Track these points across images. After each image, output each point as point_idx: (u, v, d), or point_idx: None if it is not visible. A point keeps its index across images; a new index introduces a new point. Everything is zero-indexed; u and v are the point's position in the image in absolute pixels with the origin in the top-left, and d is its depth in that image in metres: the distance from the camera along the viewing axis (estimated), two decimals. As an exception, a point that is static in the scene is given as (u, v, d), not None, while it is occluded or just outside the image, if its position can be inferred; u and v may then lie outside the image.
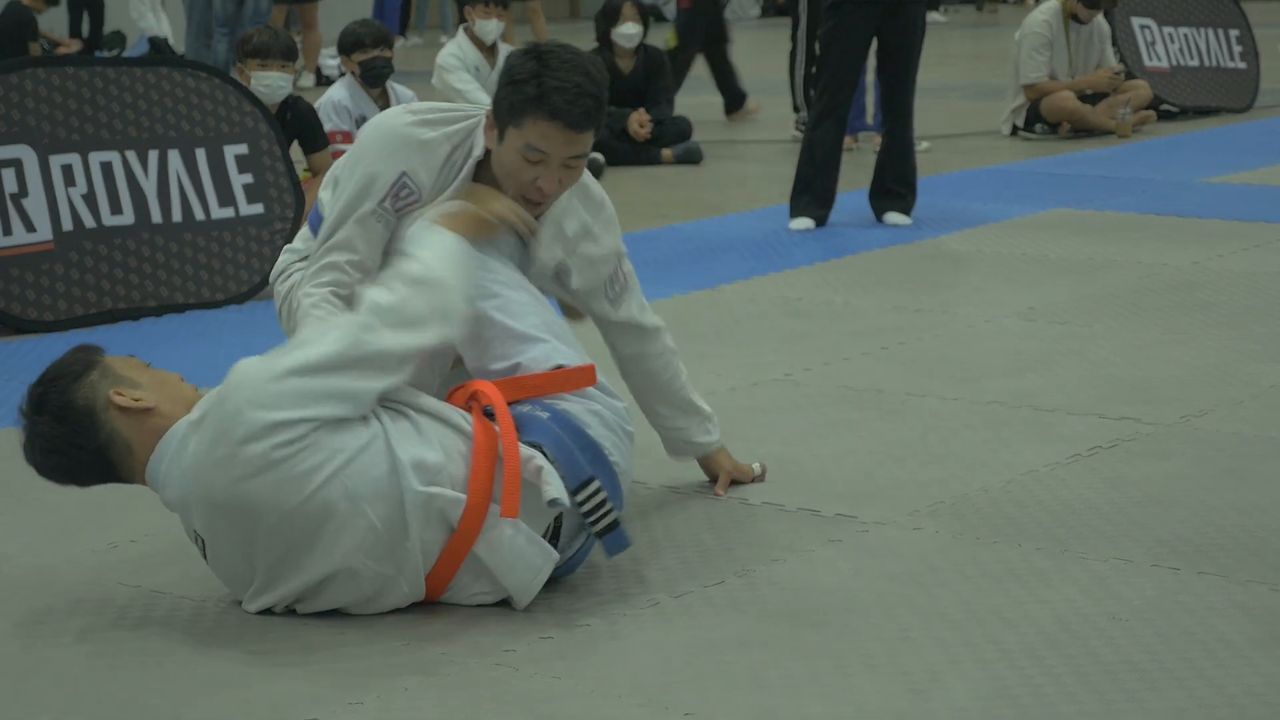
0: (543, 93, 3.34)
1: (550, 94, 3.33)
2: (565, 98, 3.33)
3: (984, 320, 5.55)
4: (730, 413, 4.51)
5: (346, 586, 3.11)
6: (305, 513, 3.01)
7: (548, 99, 3.33)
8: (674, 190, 8.81)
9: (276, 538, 3.04)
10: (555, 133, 3.35)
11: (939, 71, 12.52)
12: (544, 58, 3.37)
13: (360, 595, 3.13)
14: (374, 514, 3.04)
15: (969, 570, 3.37)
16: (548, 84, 3.34)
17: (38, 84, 5.93)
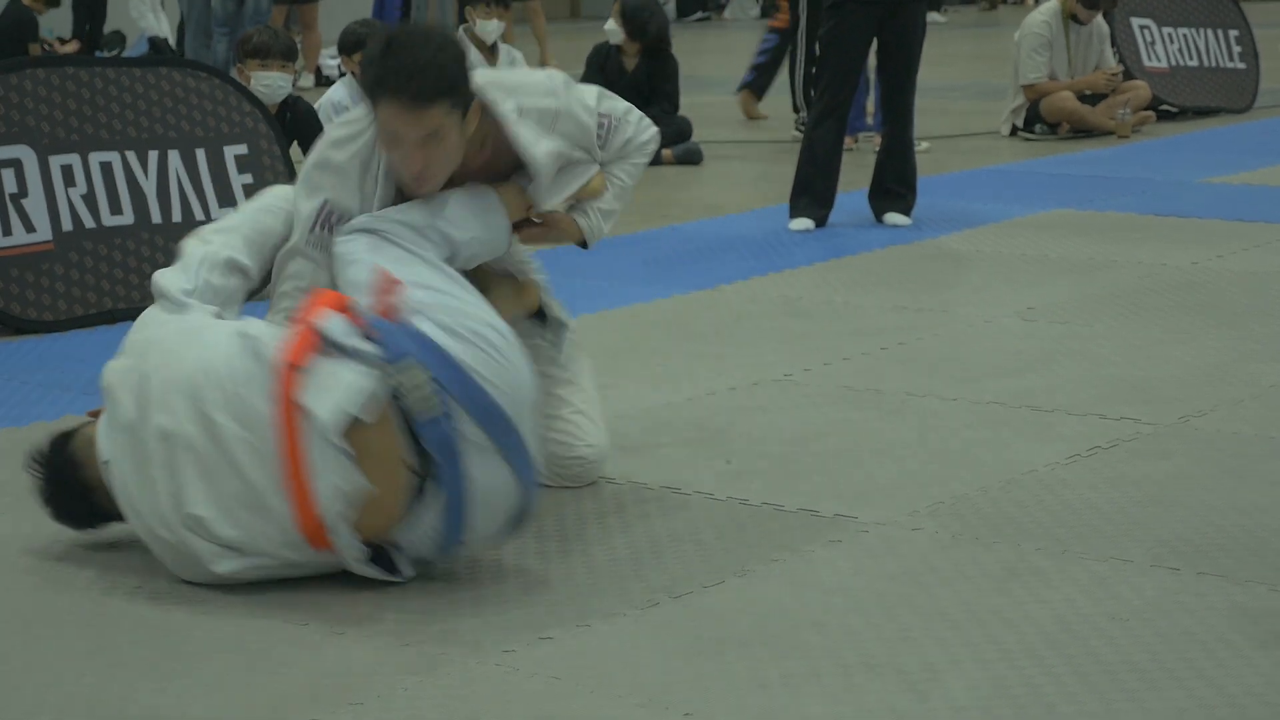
0: (382, 74, 3.37)
1: (387, 75, 3.36)
2: (401, 75, 3.34)
3: (984, 320, 5.55)
4: (730, 412, 4.51)
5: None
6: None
7: (385, 79, 3.37)
8: (674, 190, 8.81)
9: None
10: (399, 112, 3.37)
11: (939, 71, 12.52)
12: (389, 41, 3.42)
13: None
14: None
15: (969, 570, 3.37)
16: (387, 65, 3.37)
17: (37, 84, 5.92)
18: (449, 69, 3.39)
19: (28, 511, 3.78)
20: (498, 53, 9.28)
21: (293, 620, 3.16)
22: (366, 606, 3.23)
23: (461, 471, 3.21)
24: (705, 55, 19.24)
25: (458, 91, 3.41)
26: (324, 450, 3.17)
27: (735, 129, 11.13)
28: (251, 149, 6.37)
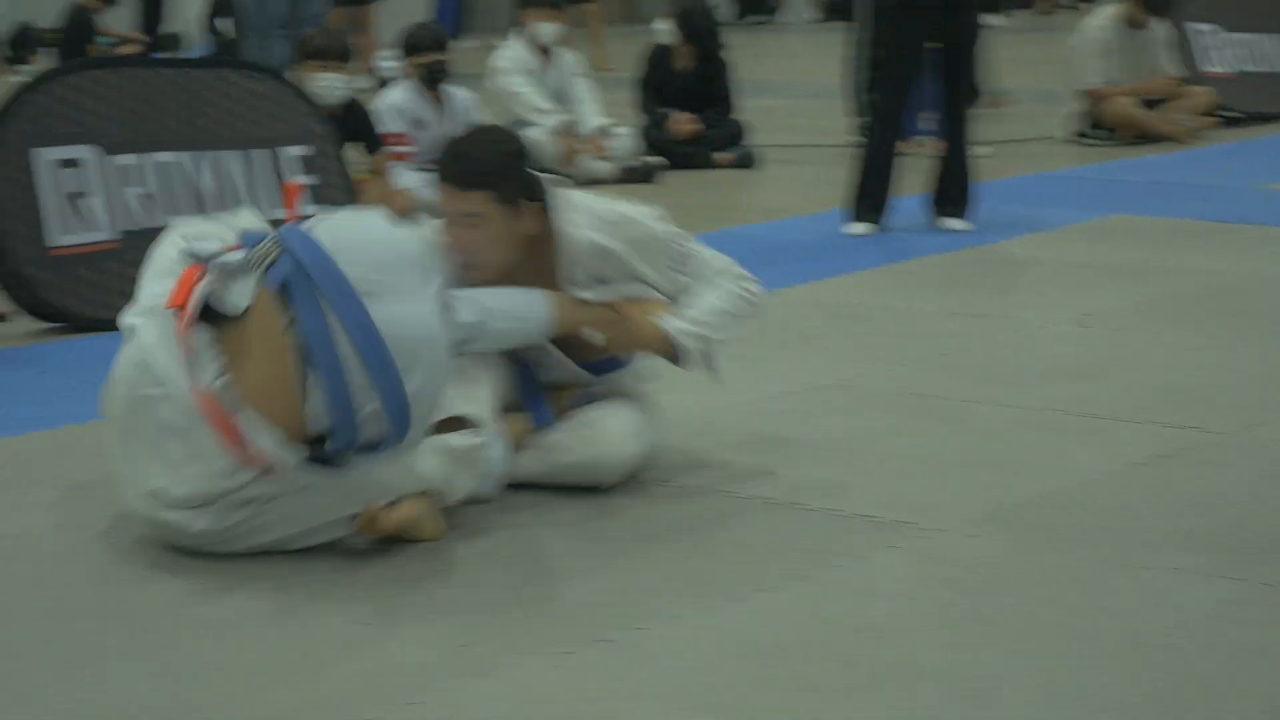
0: (440, 159, 3.84)
1: (442, 159, 3.83)
2: (449, 159, 3.80)
3: (1041, 326, 5.52)
4: (787, 417, 4.50)
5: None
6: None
7: (440, 163, 3.83)
8: (729, 194, 8.80)
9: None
10: (445, 192, 3.78)
11: (998, 75, 12.46)
12: (459, 135, 3.94)
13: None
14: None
15: (1026, 578, 3.36)
16: (445, 152, 3.85)
17: (99, 85, 5.97)
18: (493, 162, 3.77)
19: (90, 508, 3.81)
20: (554, 56, 9.28)
21: (353, 619, 3.18)
22: (426, 606, 3.24)
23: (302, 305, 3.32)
24: (762, 59, 19.22)
25: (501, 185, 3.75)
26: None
27: (791, 133, 11.11)
28: (309, 150, 6.40)
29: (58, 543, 3.63)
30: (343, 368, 3.30)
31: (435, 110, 7.95)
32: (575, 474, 3.89)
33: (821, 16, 27.29)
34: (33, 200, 5.74)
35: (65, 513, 3.82)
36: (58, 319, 5.74)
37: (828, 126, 11.31)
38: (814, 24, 26.70)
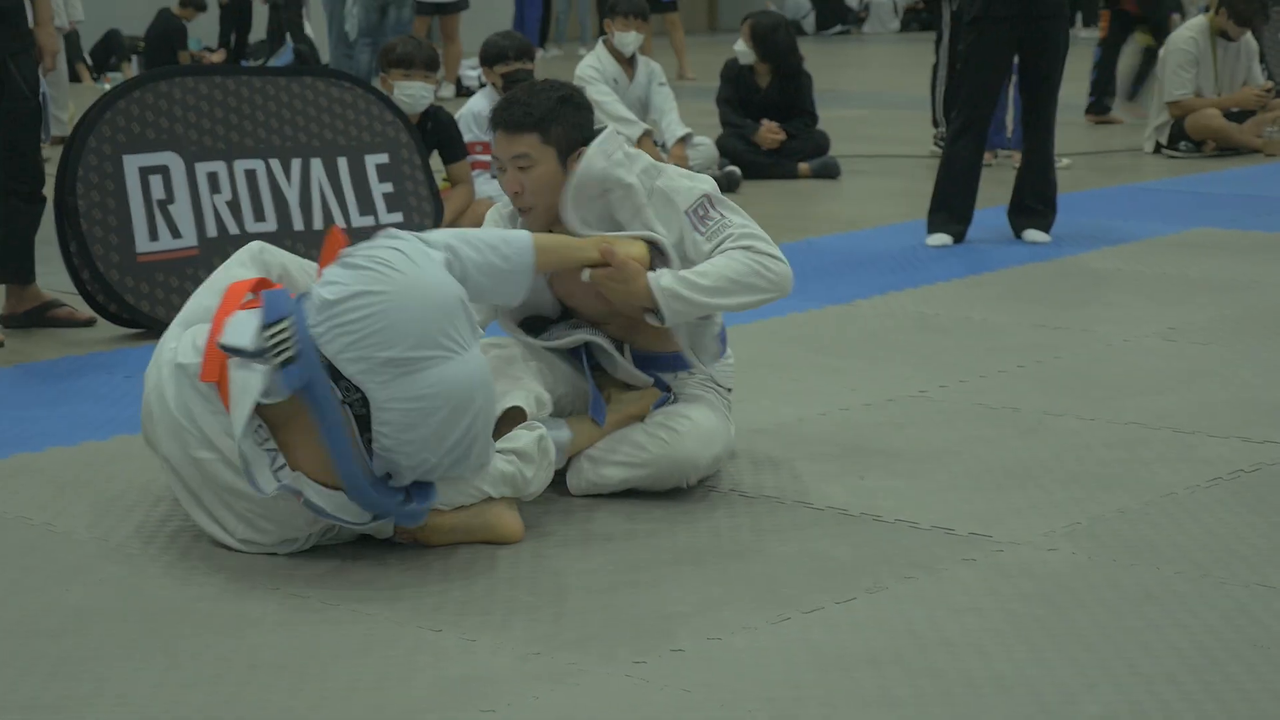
0: (496, 108, 3.98)
1: (497, 107, 3.97)
2: (503, 105, 3.94)
3: (1123, 339, 5.48)
4: (865, 428, 4.49)
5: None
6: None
7: (495, 111, 3.96)
8: (810, 204, 8.79)
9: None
10: (498, 138, 3.93)
11: (1081, 87, 12.39)
12: (516, 88, 4.02)
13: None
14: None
15: (1105, 592, 3.33)
16: (501, 101, 3.97)
17: (185, 92, 6.03)
18: (543, 107, 3.88)
19: (172, 512, 3.86)
20: (635, 64, 9.30)
21: (426, 626, 3.19)
22: (499, 615, 3.25)
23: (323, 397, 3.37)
24: (843, 69, 19.20)
25: (549, 128, 3.87)
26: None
27: (874, 143, 11.09)
28: (392, 158, 6.44)
29: (138, 546, 3.67)
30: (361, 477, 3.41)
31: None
32: (653, 477, 3.90)
33: (902, 27, 27.24)
34: (120, 207, 5.80)
35: (145, 516, 3.86)
36: (142, 325, 5.81)
37: (910, 137, 11.28)
38: (897, 34, 26.63)
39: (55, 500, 3.98)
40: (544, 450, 3.74)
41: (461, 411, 3.39)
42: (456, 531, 3.64)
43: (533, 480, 3.72)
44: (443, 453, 3.42)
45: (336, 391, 3.36)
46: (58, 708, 2.87)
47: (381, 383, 3.33)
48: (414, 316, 3.36)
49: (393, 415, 3.35)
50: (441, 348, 3.36)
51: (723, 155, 9.41)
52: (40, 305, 5.99)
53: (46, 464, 4.28)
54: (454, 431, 3.40)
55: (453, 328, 3.40)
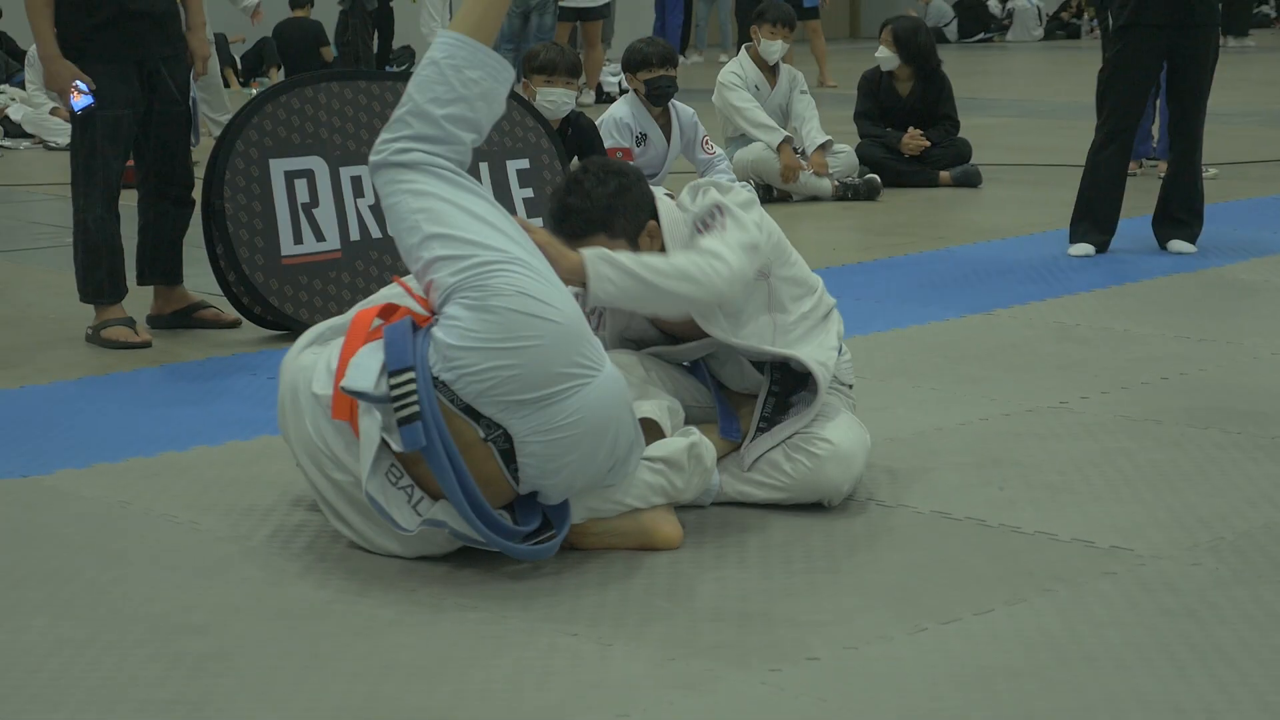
0: (552, 217, 3.89)
1: (553, 217, 3.88)
2: (557, 216, 3.86)
3: (1271, 352, 5.38)
4: (1004, 438, 4.45)
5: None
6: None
7: (553, 221, 3.87)
8: (951, 212, 8.73)
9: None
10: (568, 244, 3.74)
11: (1228, 96, 12.20)
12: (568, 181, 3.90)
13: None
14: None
15: (1250, 608, 3.27)
16: (554, 209, 3.89)
17: (330, 97, 6.11)
18: (599, 209, 3.81)
19: (304, 514, 3.90)
20: (779, 73, 9.29)
21: (562, 631, 3.21)
22: (634, 620, 3.26)
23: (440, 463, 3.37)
24: (985, 77, 19.04)
25: (611, 224, 3.81)
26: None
27: (1014, 152, 10.99)
28: (533, 163, 6.48)
29: (277, 547, 3.72)
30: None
31: (660, 125, 8.00)
32: (794, 499, 3.89)
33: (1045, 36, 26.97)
34: (266, 210, 5.89)
35: (285, 517, 3.91)
36: (286, 326, 5.89)
37: (1053, 145, 11.16)
38: (1040, 42, 26.36)
39: (199, 500, 4.05)
40: (696, 456, 3.73)
41: (603, 432, 3.43)
42: (610, 535, 3.65)
43: (685, 489, 3.72)
44: (590, 476, 3.47)
45: (478, 429, 3.38)
46: (199, 704, 2.91)
47: (522, 418, 3.37)
48: (545, 357, 3.37)
49: (536, 448, 3.39)
50: (575, 377, 3.39)
51: (862, 163, 9.36)
52: (187, 306, 6.09)
53: (191, 463, 4.35)
54: (599, 453, 3.44)
55: (581, 353, 3.42)
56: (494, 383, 3.36)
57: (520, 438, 3.39)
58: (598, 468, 3.49)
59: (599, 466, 3.49)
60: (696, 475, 3.74)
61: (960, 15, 26.59)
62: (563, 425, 3.39)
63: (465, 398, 3.37)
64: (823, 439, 3.89)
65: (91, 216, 5.78)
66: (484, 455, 3.41)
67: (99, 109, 5.70)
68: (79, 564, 3.61)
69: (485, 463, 3.42)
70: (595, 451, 3.44)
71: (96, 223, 5.78)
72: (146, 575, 3.54)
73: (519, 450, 3.40)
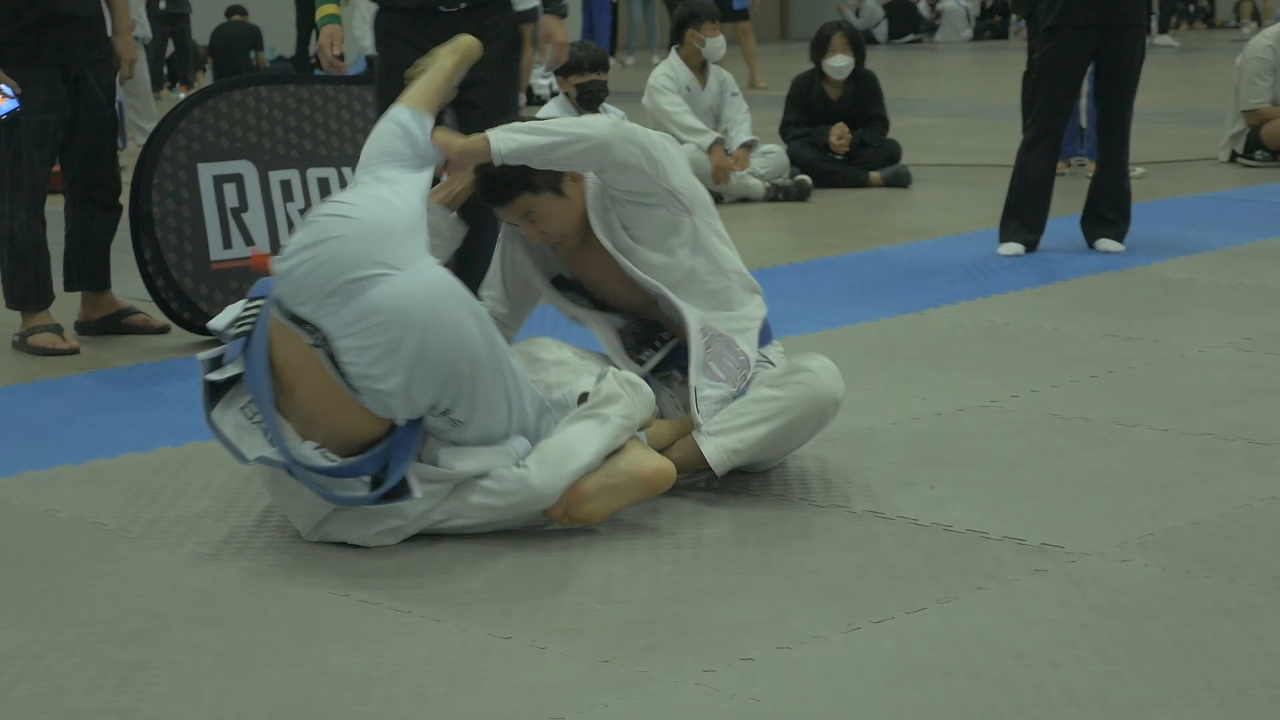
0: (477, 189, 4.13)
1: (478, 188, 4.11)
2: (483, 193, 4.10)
3: (1198, 350, 5.43)
4: (935, 438, 4.47)
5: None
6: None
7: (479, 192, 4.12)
8: (881, 213, 8.77)
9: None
10: (496, 211, 4.16)
11: (1154, 96, 12.31)
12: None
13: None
14: None
15: (1179, 604, 3.30)
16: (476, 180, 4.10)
17: (259, 101, 6.07)
18: (513, 170, 3.98)
19: (247, 518, 3.88)
20: (708, 72, 9.30)
21: (495, 634, 3.20)
22: (568, 623, 3.25)
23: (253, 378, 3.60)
24: (915, 78, 19.15)
25: (531, 182, 4.02)
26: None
27: (944, 152, 11.05)
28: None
29: (210, 552, 3.70)
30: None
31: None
32: (795, 423, 3.97)
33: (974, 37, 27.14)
34: (195, 215, 5.85)
35: (218, 522, 3.89)
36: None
37: (982, 145, 11.23)
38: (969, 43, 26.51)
39: (129, 506, 4.02)
40: (624, 381, 3.84)
41: (425, 330, 3.50)
42: (605, 496, 3.70)
43: (635, 413, 3.81)
44: (411, 375, 3.51)
45: (304, 335, 3.52)
46: (129, 713, 2.89)
47: (331, 314, 3.50)
48: (345, 248, 3.54)
49: (348, 342, 3.50)
50: (378, 269, 3.52)
51: (793, 164, 9.39)
52: (115, 312, 6.04)
53: (121, 470, 4.32)
54: (408, 344, 3.49)
55: (386, 251, 3.55)
56: (302, 277, 3.53)
57: (335, 335, 3.50)
58: (416, 367, 3.51)
59: (419, 366, 3.51)
60: (637, 395, 3.83)
61: (890, 16, 26.73)
62: (370, 314, 3.49)
63: (287, 305, 3.55)
64: (803, 365, 4.02)
65: (17, 222, 5.73)
66: (317, 368, 3.53)
67: (24, 114, 5.65)
68: (6, 572, 3.58)
69: (322, 378, 3.53)
70: (403, 342, 3.49)
71: (22, 228, 5.73)
72: (75, 583, 3.51)
73: (338, 351, 3.51)
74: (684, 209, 4.08)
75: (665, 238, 4.08)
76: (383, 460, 3.58)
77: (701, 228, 4.12)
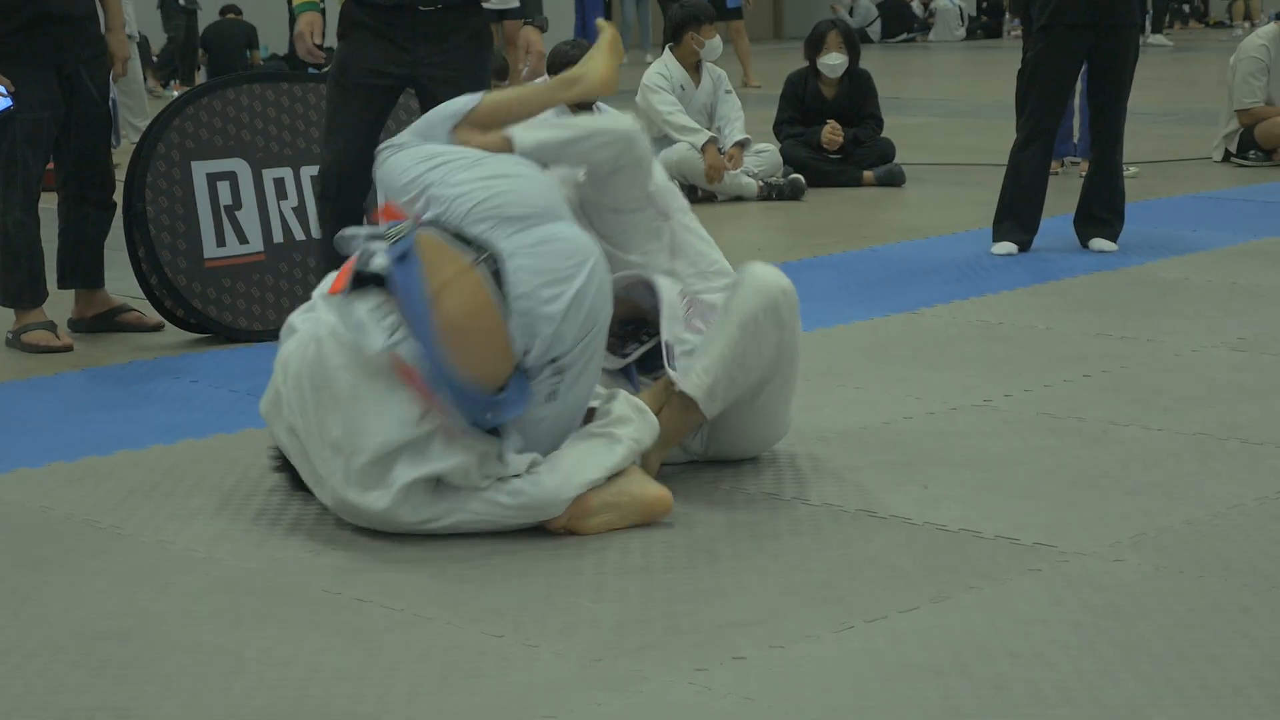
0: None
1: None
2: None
3: (1192, 350, 5.44)
4: (929, 437, 4.47)
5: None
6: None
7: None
8: (874, 212, 8.77)
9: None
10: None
11: (1148, 95, 12.31)
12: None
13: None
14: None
15: (1171, 604, 3.30)
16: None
17: (253, 99, 6.07)
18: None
19: (240, 516, 3.88)
20: (702, 71, 9.30)
21: (488, 632, 3.20)
22: (561, 622, 3.25)
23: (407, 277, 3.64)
24: (909, 77, 19.16)
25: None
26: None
27: (938, 151, 11.05)
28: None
29: (203, 550, 3.70)
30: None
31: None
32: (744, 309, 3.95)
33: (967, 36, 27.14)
34: (188, 213, 5.85)
35: (211, 520, 3.89)
36: (208, 330, 5.85)
37: (975, 144, 11.24)
38: (962, 42, 26.53)
39: (123, 504, 4.02)
40: (633, 405, 3.86)
41: (581, 256, 3.64)
42: (608, 514, 3.72)
43: (642, 436, 3.83)
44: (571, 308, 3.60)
45: (466, 253, 3.61)
46: (123, 711, 2.89)
47: (509, 236, 3.61)
48: (531, 187, 3.76)
49: (523, 261, 3.59)
50: (556, 215, 3.69)
51: (786, 163, 9.39)
52: (109, 310, 6.04)
53: (114, 467, 4.32)
54: (579, 278, 3.61)
55: (560, 205, 3.76)
56: (484, 197, 3.69)
57: (509, 253, 3.61)
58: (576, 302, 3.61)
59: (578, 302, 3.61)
60: (644, 422, 3.85)
61: (884, 15, 26.74)
62: (553, 241, 3.65)
63: (454, 221, 3.66)
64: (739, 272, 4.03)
65: (11, 220, 5.72)
66: (472, 286, 3.58)
67: (18, 112, 5.65)
68: (0, 570, 3.57)
69: (475, 294, 3.58)
70: (574, 273, 3.62)
71: (16, 226, 5.72)
72: (69, 581, 3.51)
73: (509, 270, 3.59)
74: (660, 213, 4.08)
75: (645, 243, 4.09)
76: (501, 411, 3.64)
77: (679, 231, 4.12)
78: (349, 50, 5.28)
